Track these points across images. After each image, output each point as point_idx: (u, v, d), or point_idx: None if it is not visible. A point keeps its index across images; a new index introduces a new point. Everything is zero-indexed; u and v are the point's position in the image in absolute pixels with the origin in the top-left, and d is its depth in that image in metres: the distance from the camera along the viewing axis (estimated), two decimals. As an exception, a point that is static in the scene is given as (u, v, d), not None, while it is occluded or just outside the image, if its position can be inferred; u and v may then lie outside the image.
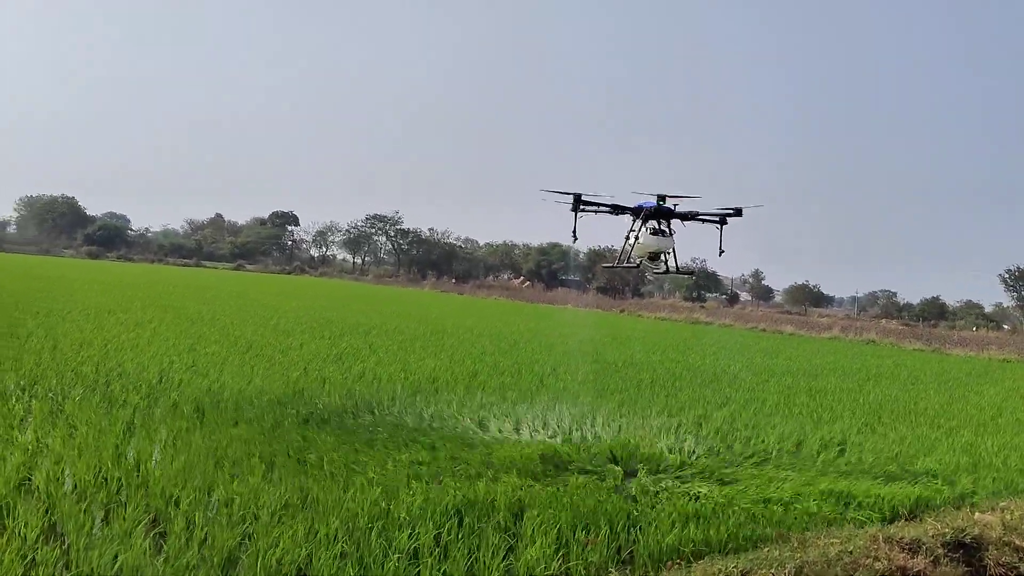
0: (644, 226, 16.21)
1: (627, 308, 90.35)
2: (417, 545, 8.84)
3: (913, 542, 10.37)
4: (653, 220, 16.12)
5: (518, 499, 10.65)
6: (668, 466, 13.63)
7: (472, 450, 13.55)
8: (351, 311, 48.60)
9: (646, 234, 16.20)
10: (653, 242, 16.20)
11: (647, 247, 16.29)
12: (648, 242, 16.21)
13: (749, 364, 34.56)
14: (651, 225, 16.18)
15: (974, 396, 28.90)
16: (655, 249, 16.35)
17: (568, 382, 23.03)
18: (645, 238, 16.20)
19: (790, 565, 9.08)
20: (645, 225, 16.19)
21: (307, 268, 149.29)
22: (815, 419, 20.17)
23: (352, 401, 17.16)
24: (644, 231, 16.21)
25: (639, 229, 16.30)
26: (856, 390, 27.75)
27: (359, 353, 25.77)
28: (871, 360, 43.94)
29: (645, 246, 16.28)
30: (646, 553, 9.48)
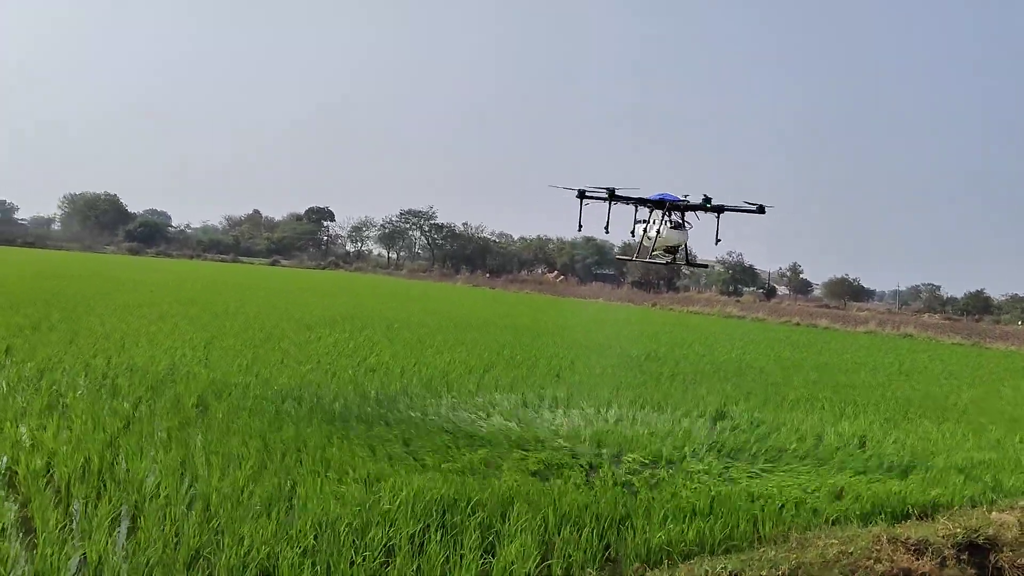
0: (665, 219, 16.08)
1: (659, 302, 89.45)
2: (392, 543, 8.56)
3: (920, 542, 9.89)
4: (675, 214, 16.02)
5: (507, 495, 10.33)
6: (670, 462, 13.22)
7: (470, 444, 13.24)
8: (379, 305, 48.59)
9: (667, 227, 16.12)
10: (675, 236, 16.13)
11: (668, 240, 16.23)
12: (670, 235, 16.15)
13: (776, 358, 33.88)
14: (673, 219, 16.06)
15: (1009, 392, 28.00)
16: (675, 243, 16.26)
17: (585, 376, 22.66)
18: (667, 232, 16.14)
19: (785, 566, 8.68)
20: (668, 218, 16.06)
21: (342, 263, 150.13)
22: (837, 414, 19.58)
23: (358, 395, 16.94)
24: (665, 225, 16.11)
25: (660, 222, 16.17)
26: (885, 385, 27.01)
27: (376, 346, 25.61)
28: (905, 355, 42.87)
29: (666, 239, 16.23)
30: (633, 552, 9.12)
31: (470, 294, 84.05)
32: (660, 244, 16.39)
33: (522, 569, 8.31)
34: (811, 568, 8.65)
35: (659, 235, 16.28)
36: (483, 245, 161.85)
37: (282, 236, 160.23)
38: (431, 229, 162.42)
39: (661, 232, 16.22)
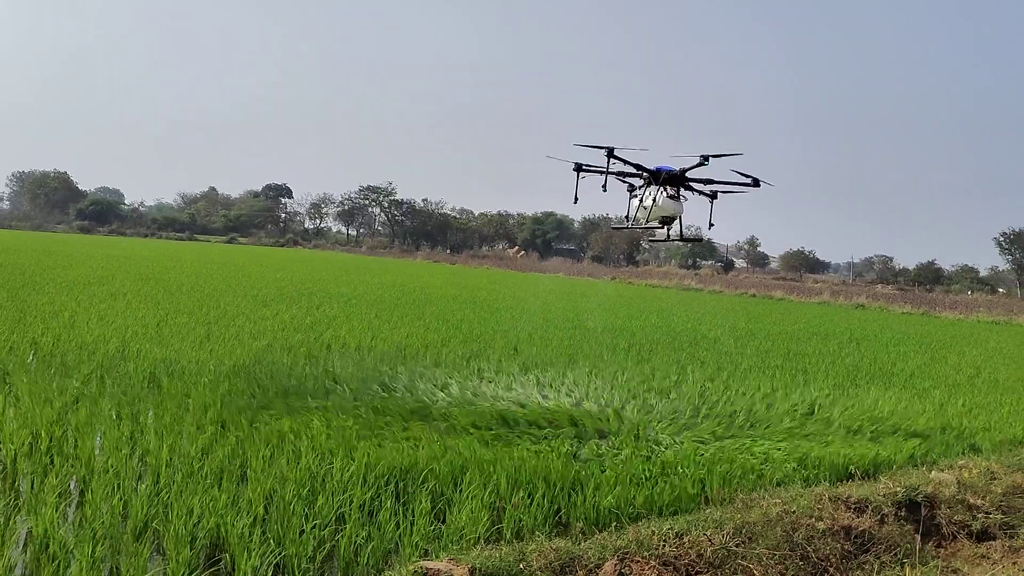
0: (662, 190, 16.04)
1: (618, 276, 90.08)
2: (343, 512, 8.63)
3: (861, 501, 10.19)
4: (671, 185, 15.99)
5: (459, 464, 10.44)
6: (624, 430, 13.42)
7: (424, 415, 13.31)
8: (337, 281, 48.31)
9: (664, 197, 16.05)
10: (670, 206, 16.08)
11: (664, 210, 16.17)
12: (665, 205, 16.08)
13: (731, 328, 34.38)
14: (669, 189, 16.04)
15: (954, 358, 28.76)
16: (671, 213, 16.26)
17: (541, 348, 22.80)
18: (663, 201, 16.06)
19: (729, 526, 8.88)
20: (663, 189, 16.02)
21: (301, 240, 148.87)
22: (788, 381, 19.97)
23: (313, 369, 16.90)
24: (661, 194, 16.05)
25: (656, 192, 16.12)
26: (835, 353, 27.58)
27: (333, 322, 25.52)
28: (856, 324, 43.77)
29: (662, 208, 16.16)
30: (582, 516, 9.29)
31: (430, 270, 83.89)
32: (655, 214, 16.34)
33: (472, 533, 8.43)
34: (754, 527, 8.87)
35: (655, 204, 16.18)
36: (443, 221, 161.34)
37: (239, 213, 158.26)
38: (391, 205, 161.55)
39: (657, 201, 16.12)
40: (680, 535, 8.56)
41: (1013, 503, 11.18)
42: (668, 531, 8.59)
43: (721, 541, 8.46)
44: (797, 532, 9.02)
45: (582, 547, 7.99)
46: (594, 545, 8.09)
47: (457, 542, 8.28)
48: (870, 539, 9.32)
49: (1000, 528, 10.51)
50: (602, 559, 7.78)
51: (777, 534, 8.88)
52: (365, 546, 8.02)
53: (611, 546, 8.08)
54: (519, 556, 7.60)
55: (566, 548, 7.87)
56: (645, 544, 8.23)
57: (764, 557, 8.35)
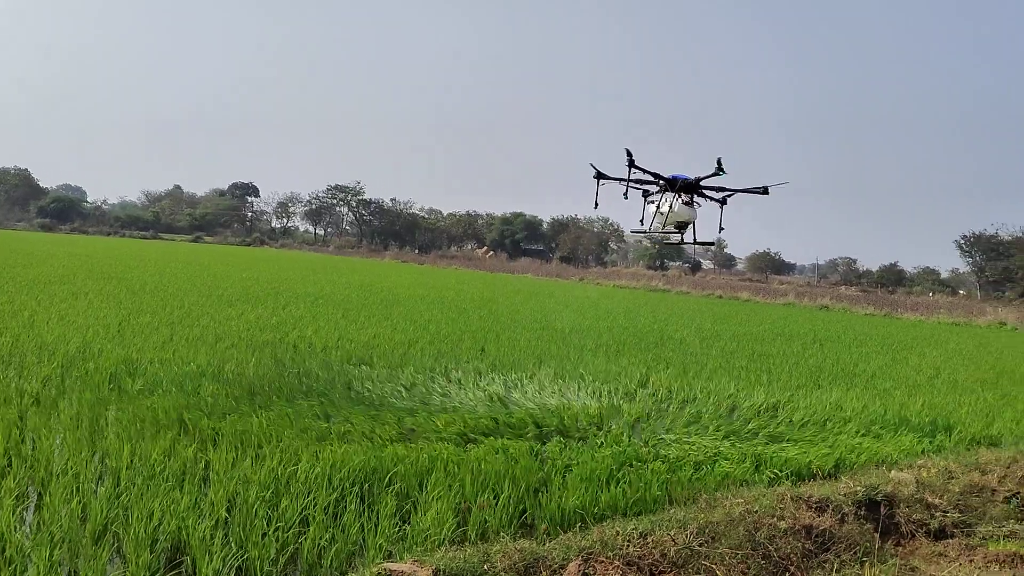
0: (678, 197, 16.63)
1: (586, 277, 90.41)
2: (308, 514, 8.58)
3: (822, 500, 10.32)
4: (686, 192, 16.59)
5: (425, 465, 10.42)
6: (590, 430, 13.48)
7: (392, 416, 13.26)
8: (304, 281, 47.97)
9: (680, 204, 16.69)
10: (686, 212, 16.71)
11: (680, 216, 16.77)
12: (681, 211, 16.71)
13: (697, 329, 34.65)
14: (684, 198, 16.62)
15: (915, 359, 29.22)
16: (686, 219, 16.82)
17: (508, 349, 22.82)
18: (680, 208, 16.71)
19: (693, 525, 8.95)
20: (679, 196, 16.62)
21: (267, 240, 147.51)
22: (752, 382, 20.17)
23: (279, 370, 16.77)
24: (678, 202, 16.68)
25: (673, 200, 16.72)
26: (799, 354, 27.91)
27: (299, 322, 25.33)
28: (820, 325, 44.32)
29: (678, 215, 16.77)
30: (547, 517, 9.32)
31: (398, 270, 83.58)
32: (671, 220, 16.93)
33: (437, 535, 8.42)
34: (717, 527, 8.95)
35: (671, 211, 16.78)
36: (412, 221, 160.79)
37: (205, 212, 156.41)
38: (359, 205, 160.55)
39: (673, 208, 16.74)
40: (644, 535, 8.61)
41: (970, 502, 11.40)
42: (632, 531, 8.64)
43: (684, 541, 8.53)
44: (759, 531, 9.11)
45: (546, 548, 8.01)
46: (559, 545, 8.11)
47: (422, 544, 8.27)
48: (830, 538, 9.44)
49: (957, 526, 10.70)
50: (566, 559, 7.80)
51: (740, 533, 8.97)
52: (329, 548, 7.98)
53: (575, 546, 8.10)
54: (483, 557, 7.61)
55: (530, 549, 7.89)
56: (609, 544, 8.27)
57: (727, 556, 8.43)
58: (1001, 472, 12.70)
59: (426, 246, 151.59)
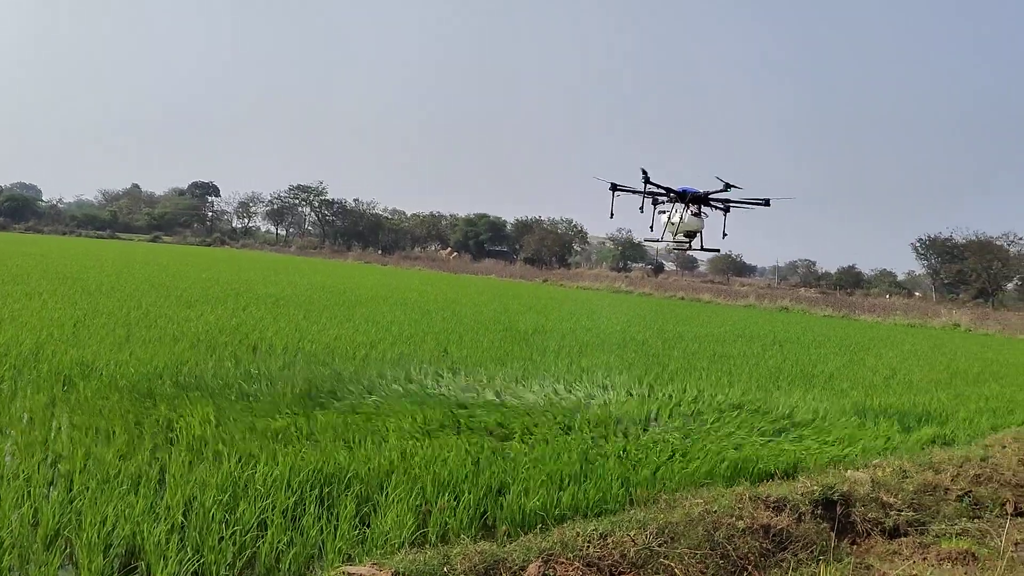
0: (687, 209, 18.22)
1: (550, 278, 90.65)
2: (265, 517, 8.48)
3: (780, 500, 10.43)
4: (694, 204, 18.25)
5: (386, 467, 10.36)
6: (550, 431, 13.49)
7: (351, 417, 13.15)
8: (265, 282, 47.50)
9: (689, 215, 18.25)
10: (694, 222, 18.31)
11: (688, 226, 18.37)
12: (690, 222, 18.28)
13: (660, 331, 34.89)
14: (692, 208, 18.26)
15: (872, 359, 29.72)
16: (695, 228, 18.46)
17: (472, 350, 22.79)
18: (689, 219, 18.27)
19: (652, 526, 9.00)
20: (688, 208, 18.22)
21: (228, 240, 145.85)
22: (714, 383, 20.36)
23: (239, 372, 16.57)
24: (687, 213, 18.23)
25: (683, 211, 18.30)
26: (759, 355, 28.22)
27: (260, 323, 25.07)
28: (780, 326, 44.88)
29: (687, 225, 18.34)
30: (508, 518, 9.31)
31: (361, 271, 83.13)
32: (682, 229, 18.50)
33: (397, 537, 8.37)
34: (676, 527, 9.01)
35: (681, 221, 18.30)
36: (375, 221, 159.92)
37: (164, 212, 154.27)
38: (321, 205, 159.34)
39: (683, 219, 18.25)
40: (604, 536, 8.63)
41: (923, 501, 11.61)
42: (592, 532, 8.66)
43: (644, 541, 8.57)
44: (718, 531, 9.19)
45: (507, 549, 8.00)
46: (519, 547, 8.11)
47: (382, 546, 8.21)
48: (788, 537, 9.56)
49: (911, 525, 10.89)
50: (526, 561, 7.80)
51: (699, 533, 9.03)
52: (287, 552, 7.90)
53: (536, 548, 8.11)
54: (443, 559, 7.58)
55: (491, 551, 7.87)
56: (569, 545, 8.28)
57: (686, 556, 8.49)
58: (954, 471, 12.96)
59: (389, 247, 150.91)
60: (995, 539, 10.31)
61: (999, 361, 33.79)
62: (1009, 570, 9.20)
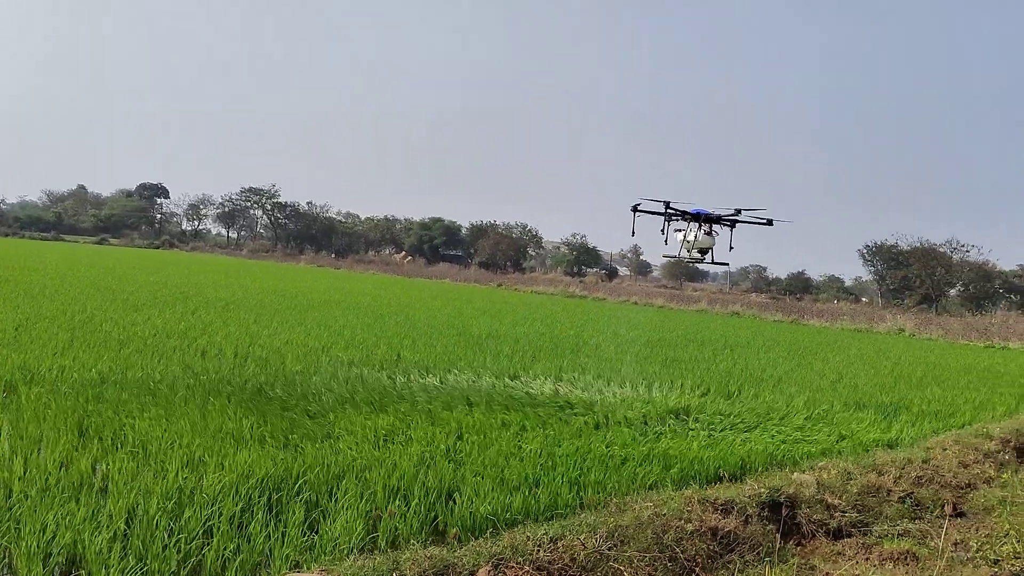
0: (700, 228, 20.76)
1: (504, 283, 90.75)
2: (212, 524, 8.35)
3: (727, 502, 10.56)
4: (706, 223, 20.76)
5: (336, 472, 10.27)
6: (501, 435, 13.50)
7: (301, 421, 13.02)
8: (215, 286, 46.81)
9: (701, 234, 20.80)
10: (707, 240, 20.88)
11: (701, 244, 20.90)
12: (704, 240, 20.85)
13: (613, 335, 35.13)
14: (704, 228, 20.79)
15: (819, 364, 30.25)
16: (707, 245, 20.97)
17: (425, 354, 22.71)
18: (702, 237, 20.83)
19: (602, 529, 9.05)
20: (701, 227, 20.76)
21: (177, 242, 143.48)
22: (666, 387, 20.53)
23: (187, 376, 16.30)
24: (700, 232, 20.78)
25: (696, 230, 20.85)
26: (711, 359, 28.55)
27: (209, 327, 24.69)
28: (731, 331, 45.48)
29: (700, 243, 20.88)
30: (459, 523, 9.29)
31: (313, 274, 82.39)
32: (696, 246, 20.92)
33: (346, 543, 8.30)
34: (626, 530, 9.07)
35: (696, 239, 20.82)
36: (328, 225, 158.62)
37: (111, 213, 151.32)
38: (274, 208, 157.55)
39: (697, 237, 20.80)
40: (555, 540, 8.66)
41: (867, 502, 11.85)
42: (543, 536, 8.69)
43: (594, 544, 8.62)
44: (667, 534, 9.28)
45: (457, 554, 7.99)
46: (469, 552, 8.10)
47: (331, 552, 8.13)
48: (735, 539, 9.68)
49: (855, 526, 11.11)
50: (476, 565, 7.80)
51: (648, 536, 9.11)
52: (234, 559, 7.79)
53: (486, 552, 8.11)
54: (393, 565, 7.54)
55: (441, 556, 7.85)
56: (520, 549, 8.30)
57: (635, 559, 8.56)
58: (896, 473, 13.25)
59: (343, 250, 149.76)
60: (935, 539, 10.55)
61: (941, 365, 34.64)
62: (948, 570, 9.42)
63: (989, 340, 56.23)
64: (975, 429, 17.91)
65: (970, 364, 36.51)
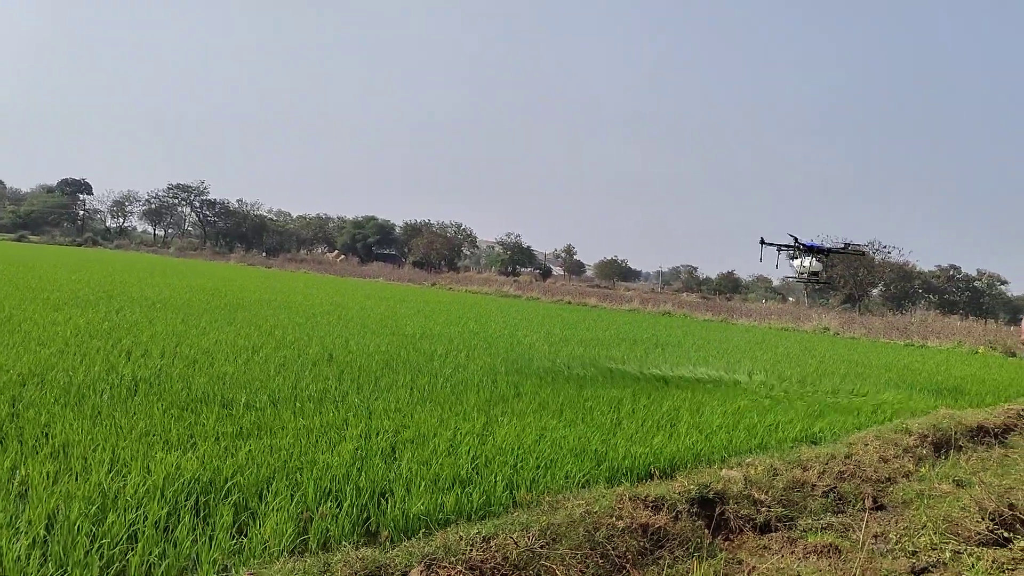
0: (813, 257, 28.56)
1: (439, 282, 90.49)
2: (136, 529, 8.15)
3: (658, 499, 10.73)
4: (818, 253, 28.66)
5: (266, 474, 10.12)
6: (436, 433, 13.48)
7: (230, 423, 12.79)
8: (141, 284, 45.63)
9: (813, 261, 28.63)
10: (817, 265, 28.64)
11: (814, 268, 28.70)
12: (815, 266, 28.66)
13: (547, 335, 35.34)
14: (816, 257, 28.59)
15: (747, 362, 30.90)
16: (817, 269, 28.74)
17: (357, 354, 22.51)
18: (814, 264, 28.65)
19: (535, 528, 9.11)
20: (814, 257, 28.56)
21: (101, 240, 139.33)
22: (597, 386, 20.74)
23: (111, 376, 15.85)
24: (812, 259, 28.61)
25: (809, 259, 28.70)
26: (643, 358, 28.94)
27: (134, 327, 24.05)
28: (662, 330, 46.19)
29: (814, 267, 28.68)
30: (391, 524, 9.24)
31: (244, 273, 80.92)
32: (810, 269, 28.74)
33: (276, 546, 8.19)
34: (559, 528, 9.15)
35: (810, 265, 28.65)
36: (259, 223, 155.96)
37: (30, 209, 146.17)
38: (202, 205, 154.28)
39: (811, 264, 28.64)
40: (487, 539, 8.69)
41: (792, 497, 12.17)
42: (476, 535, 8.70)
43: (526, 543, 8.66)
44: (599, 531, 9.38)
45: (389, 555, 7.95)
46: (401, 552, 8.07)
47: (260, 556, 8.02)
48: (665, 535, 9.84)
49: (781, 520, 11.40)
50: (408, 566, 7.78)
51: (580, 534, 9.20)
52: (158, 564, 7.61)
53: (418, 553, 8.09)
54: (323, 567, 7.47)
55: (372, 557, 7.81)
56: (452, 550, 8.30)
57: (566, 557, 8.63)
58: (820, 468, 13.64)
59: (274, 249, 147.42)
60: (856, 532, 10.90)
61: (863, 363, 35.74)
62: (868, 562, 9.73)
63: (909, 339, 58.25)
64: (895, 425, 18.52)
65: (891, 362, 37.74)
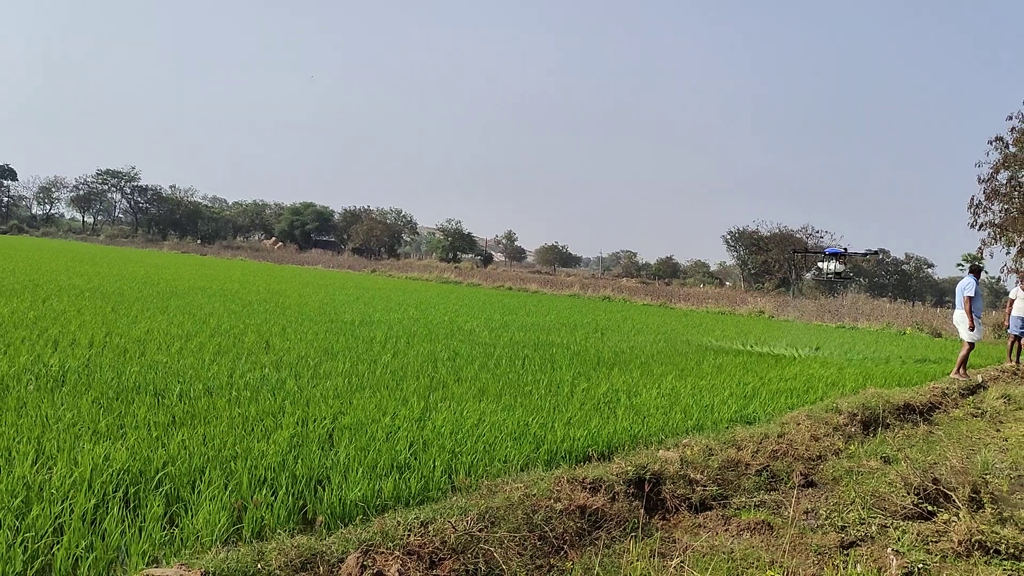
0: (836, 260, 35.15)
1: (379, 269, 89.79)
2: (62, 521, 7.92)
3: (596, 481, 10.82)
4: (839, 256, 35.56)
5: (199, 463, 9.92)
6: (374, 422, 13.38)
7: (163, 410, 12.50)
8: (69, 273, 44.30)
9: (837, 263, 35.09)
10: (840, 267, 35.10)
11: (836, 268, 35.08)
12: (840, 268, 35.26)
13: (487, 321, 35.35)
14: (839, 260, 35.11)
15: (683, 344, 31.39)
16: (839, 270, 35.22)
17: (296, 342, 22.21)
18: (837, 266, 35.14)
19: (473, 512, 9.10)
20: (837, 260, 35.16)
21: (27, 227, 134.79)
22: (540, 369, 20.83)
23: (37, 367, 15.35)
24: (836, 262, 35.07)
25: (834, 261, 35.26)
26: (582, 342, 29.16)
27: (62, 316, 23.35)
28: (602, 315, 46.59)
29: (836, 268, 35.07)
30: (328, 511, 9.14)
31: (177, 261, 79.15)
32: (834, 270, 35.15)
33: (209, 536, 8.03)
34: (497, 511, 9.15)
35: (834, 267, 35.10)
36: (193, 209, 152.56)
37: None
38: (134, 191, 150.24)
39: (835, 266, 35.16)
40: (425, 524, 8.65)
41: (726, 476, 12.40)
42: (414, 520, 8.65)
43: (465, 527, 8.66)
44: (537, 514, 9.42)
45: (325, 542, 7.86)
46: (338, 539, 7.99)
47: (192, 546, 7.86)
48: (603, 516, 9.93)
49: (715, 499, 11.60)
50: (345, 553, 7.70)
51: (518, 517, 9.22)
52: (86, 557, 7.40)
53: (355, 539, 8.01)
54: (258, 556, 7.34)
55: (308, 544, 7.71)
56: (390, 535, 8.24)
57: (505, 540, 8.65)
58: (754, 448, 13.91)
59: (209, 236, 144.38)
60: (788, 509, 11.16)
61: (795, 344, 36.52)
62: (799, 537, 9.96)
63: (840, 321, 59.80)
64: (826, 404, 18.98)
65: (822, 343, 38.71)
